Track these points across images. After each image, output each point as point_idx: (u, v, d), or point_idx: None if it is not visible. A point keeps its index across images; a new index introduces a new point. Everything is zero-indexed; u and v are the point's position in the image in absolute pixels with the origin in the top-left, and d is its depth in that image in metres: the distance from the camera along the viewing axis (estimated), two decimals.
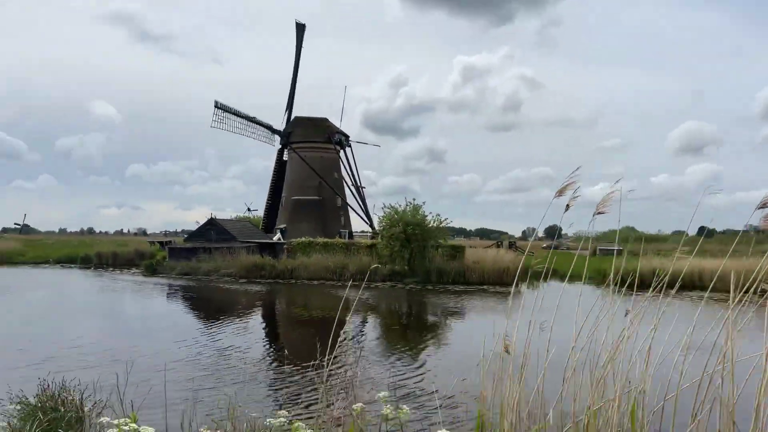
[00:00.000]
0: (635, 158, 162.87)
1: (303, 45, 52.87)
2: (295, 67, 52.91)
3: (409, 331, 18.29)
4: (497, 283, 32.65)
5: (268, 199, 54.70)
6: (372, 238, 48.96)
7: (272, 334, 18.30)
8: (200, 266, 38.10)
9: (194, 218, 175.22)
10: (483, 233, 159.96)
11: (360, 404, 3.58)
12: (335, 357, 12.10)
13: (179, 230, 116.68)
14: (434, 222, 35.28)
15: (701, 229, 8.37)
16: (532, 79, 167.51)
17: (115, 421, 2.87)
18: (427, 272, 34.14)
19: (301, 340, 16.51)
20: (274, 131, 52.26)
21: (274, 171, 54.66)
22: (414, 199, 36.24)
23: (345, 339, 4.23)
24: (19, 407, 6.35)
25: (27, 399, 6.57)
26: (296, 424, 3.24)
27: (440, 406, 8.54)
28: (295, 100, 53.58)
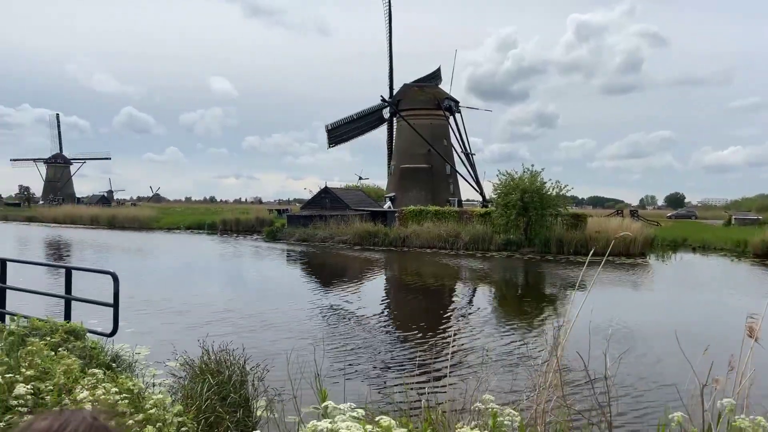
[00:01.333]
0: None
1: (392, 7, 52.15)
2: (389, 33, 52.21)
3: (527, 303, 17.64)
4: (622, 253, 30.78)
5: (388, 165, 55.75)
6: (483, 206, 47.99)
7: (390, 301, 18.43)
8: (316, 233, 39.40)
9: (305, 187, 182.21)
10: (596, 201, 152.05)
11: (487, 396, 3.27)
12: (451, 326, 11.71)
13: (291, 199, 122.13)
14: (554, 189, 33.75)
15: None
16: (655, 34, 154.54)
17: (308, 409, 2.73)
18: (546, 242, 32.87)
19: (416, 307, 16.46)
20: (383, 104, 52.17)
21: (389, 137, 55.07)
22: (533, 165, 34.81)
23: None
24: (187, 368, 6.67)
25: (192, 360, 6.89)
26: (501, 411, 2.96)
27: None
28: (395, 67, 53.09)
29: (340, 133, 52.09)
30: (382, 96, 51.70)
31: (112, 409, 3.77)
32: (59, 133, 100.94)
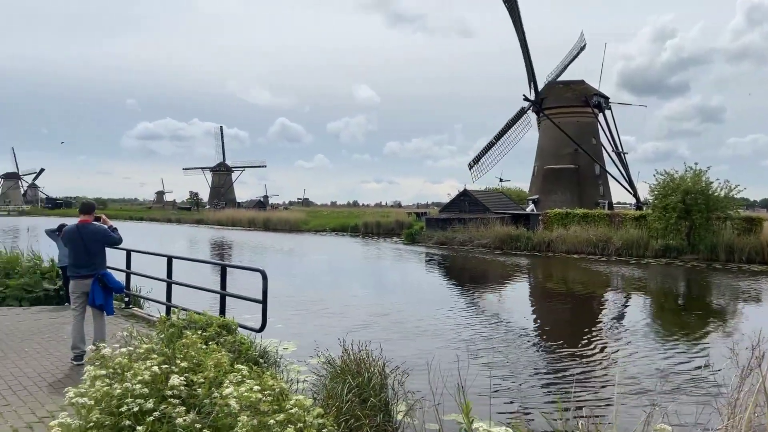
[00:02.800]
0: None
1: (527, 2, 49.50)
2: (519, 32, 49.78)
3: (688, 316, 15.70)
4: None
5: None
6: (637, 209, 44.34)
7: (535, 309, 17.48)
8: (455, 236, 39.00)
9: (444, 191, 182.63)
10: None
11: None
12: (605, 339, 10.57)
13: (430, 202, 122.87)
14: (722, 190, 30.11)
15: None
16: None
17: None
18: (713, 248, 29.36)
19: (566, 317, 15.37)
20: (525, 105, 50.22)
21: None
22: (696, 164, 31.35)
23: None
24: (328, 367, 6.70)
25: (333, 359, 6.90)
26: None
27: None
28: (534, 65, 50.72)
29: (484, 164, 50.42)
30: (524, 95, 49.92)
31: (253, 408, 3.76)
32: (222, 143, 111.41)
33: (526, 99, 49.88)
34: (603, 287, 21.27)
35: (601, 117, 50.23)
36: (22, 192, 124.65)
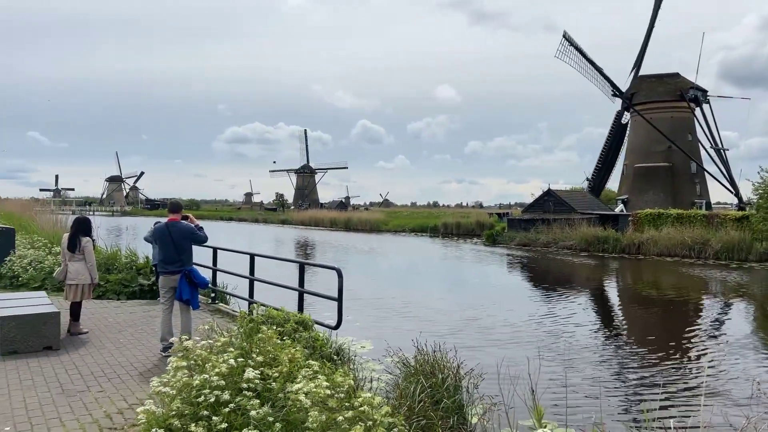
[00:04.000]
0: None
1: None
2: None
3: None
4: None
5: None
6: (739, 209, 41.19)
7: (623, 314, 16.60)
8: (538, 237, 37.91)
9: (527, 191, 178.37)
10: None
11: None
12: (699, 347, 9.82)
13: (512, 203, 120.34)
14: None
15: None
16: None
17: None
18: None
19: (656, 323, 14.48)
20: (615, 91, 47.95)
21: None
22: None
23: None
24: (401, 366, 6.68)
25: (407, 359, 6.88)
26: None
27: None
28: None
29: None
30: (613, 90, 47.74)
31: (322, 404, 3.79)
32: (306, 146, 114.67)
33: (615, 94, 47.71)
34: (698, 292, 19.88)
35: (698, 111, 47.15)
36: (125, 194, 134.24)
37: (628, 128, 49.92)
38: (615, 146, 50.56)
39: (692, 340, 12.04)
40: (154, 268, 10.98)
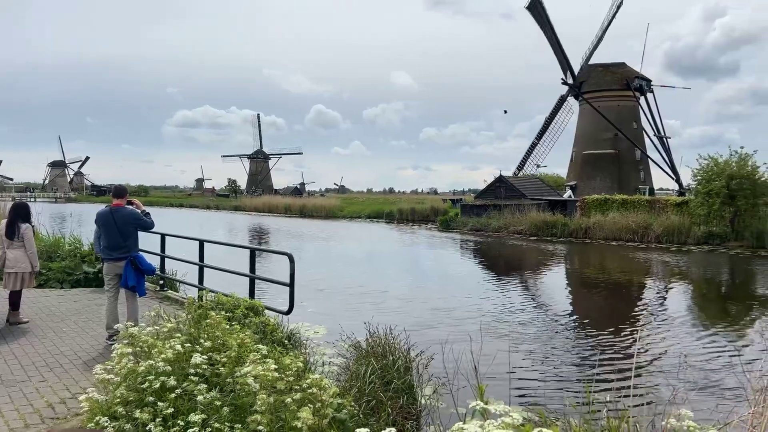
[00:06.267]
0: None
1: None
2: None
3: (730, 305, 15.18)
4: None
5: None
6: (679, 194, 43.03)
7: (569, 295, 17.19)
8: (490, 223, 38.64)
9: (480, 177, 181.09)
10: None
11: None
12: (639, 326, 10.29)
13: (466, 189, 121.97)
14: None
15: None
16: None
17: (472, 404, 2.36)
18: (759, 235, 28.26)
19: (600, 304, 15.07)
20: (565, 77, 48.97)
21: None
22: (742, 147, 30.16)
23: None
24: (353, 350, 6.75)
25: (359, 342, 6.95)
26: None
27: None
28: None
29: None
30: (562, 79, 48.79)
31: (271, 387, 3.81)
32: (260, 131, 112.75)
33: (564, 83, 48.81)
34: (641, 274, 20.75)
35: (642, 100, 48.77)
36: (69, 179, 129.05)
37: (576, 116, 51.24)
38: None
39: (633, 320, 12.59)
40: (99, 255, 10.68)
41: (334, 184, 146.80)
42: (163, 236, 10.69)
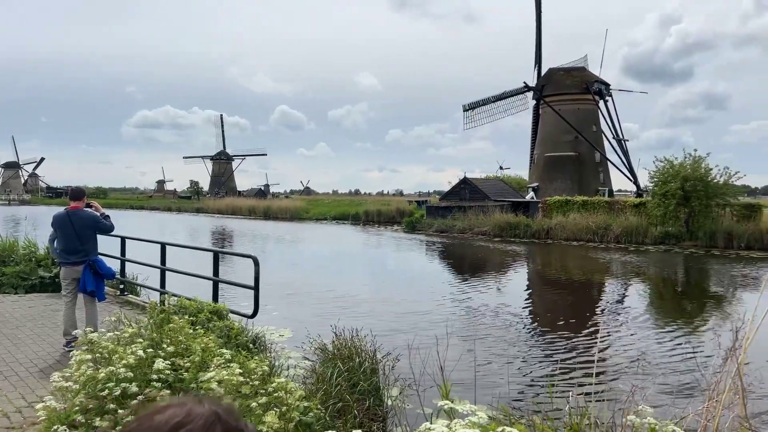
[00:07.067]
0: None
1: None
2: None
3: (685, 302, 15.73)
4: None
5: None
6: (637, 196, 44.28)
7: (531, 295, 17.50)
8: (455, 224, 38.99)
9: (445, 179, 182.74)
10: None
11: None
12: (599, 324, 10.56)
13: (431, 191, 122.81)
14: (721, 176, 30.03)
15: None
16: None
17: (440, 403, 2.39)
18: (712, 235, 29.36)
19: (561, 303, 15.40)
20: (526, 89, 49.97)
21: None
22: (695, 150, 31.26)
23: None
24: (319, 353, 6.72)
25: (325, 344, 6.92)
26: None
27: None
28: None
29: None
30: (525, 82, 49.67)
31: (236, 392, 3.77)
32: (223, 132, 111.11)
33: (526, 86, 49.65)
34: (601, 274, 21.29)
35: (602, 104, 49.97)
36: (23, 181, 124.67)
37: (539, 119, 52.18)
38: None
39: (593, 319, 12.91)
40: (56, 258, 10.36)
41: (302, 183, 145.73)
42: (123, 239, 10.43)
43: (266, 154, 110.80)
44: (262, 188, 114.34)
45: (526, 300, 16.57)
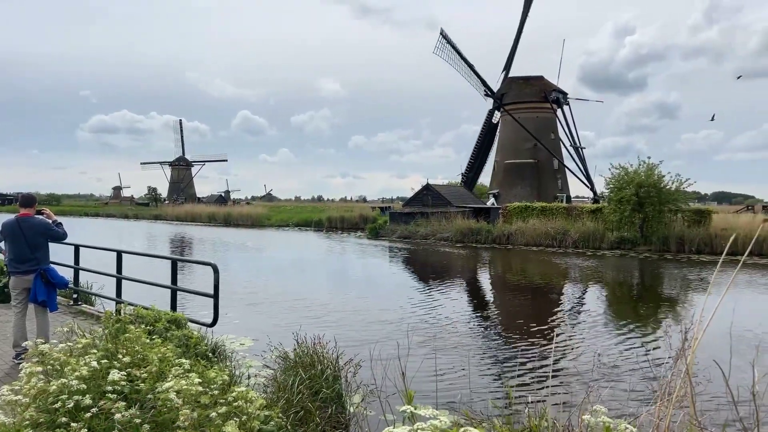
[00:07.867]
0: None
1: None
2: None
3: (639, 305, 16.23)
4: (753, 253, 27.74)
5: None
6: (594, 202, 45.46)
7: (492, 300, 17.75)
8: (418, 230, 39.26)
9: (408, 185, 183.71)
10: (722, 197, 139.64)
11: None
12: (557, 328, 10.82)
13: (395, 197, 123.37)
14: (673, 183, 31.14)
15: None
16: None
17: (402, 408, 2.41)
18: (665, 240, 30.42)
19: (521, 308, 15.68)
20: (487, 90, 50.87)
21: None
22: (649, 158, 32.36)
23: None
24: (280, 361, 6.65)
25: (287, 352, 6.86)
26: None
27: None
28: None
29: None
30: (485, 90, 50.54)
31: (195, 402, 3.70)
32: (182, 137, 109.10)
33: (487, 94, 50.53)
34: (559, 278, 21.74)
35: (559, 112, 51.26)
36: None
37: (498, 127, 53.12)
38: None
39: (551, 322, 13.17)
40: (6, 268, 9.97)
41: (263, 189, 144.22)
42: (76, 247, 10.11)
43: (227, 160, 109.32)
44: (223, 195, 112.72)
45: (486, 305, 16.78)
